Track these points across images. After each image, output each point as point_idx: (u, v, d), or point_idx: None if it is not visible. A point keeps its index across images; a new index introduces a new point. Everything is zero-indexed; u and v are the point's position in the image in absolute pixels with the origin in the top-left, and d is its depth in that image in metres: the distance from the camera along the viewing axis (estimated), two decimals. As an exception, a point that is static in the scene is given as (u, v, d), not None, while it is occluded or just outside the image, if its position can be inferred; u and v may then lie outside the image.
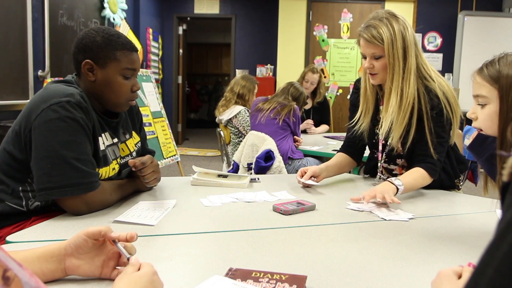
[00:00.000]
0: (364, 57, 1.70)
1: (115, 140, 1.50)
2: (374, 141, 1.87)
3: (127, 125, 1.59)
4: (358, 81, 1.94)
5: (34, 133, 1.27)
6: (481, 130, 1.20)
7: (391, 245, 1.14)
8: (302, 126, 3.80)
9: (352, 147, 1.93)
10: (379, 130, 1.79)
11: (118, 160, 1.50)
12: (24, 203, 1.35)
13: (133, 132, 1.62)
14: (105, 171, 1.42)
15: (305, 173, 1.74)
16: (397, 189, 1.53)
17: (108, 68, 1.38)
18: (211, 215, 1.37)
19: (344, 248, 1.11)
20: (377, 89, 1.81)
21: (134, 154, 1.60)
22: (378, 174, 1.88)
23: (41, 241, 1.09)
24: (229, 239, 1.16)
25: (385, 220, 1.36)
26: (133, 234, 0.85)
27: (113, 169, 1.46)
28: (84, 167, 1.28)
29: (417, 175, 1.64)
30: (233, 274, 0.85)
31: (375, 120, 1.83)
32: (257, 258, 1.01)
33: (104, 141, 1.44)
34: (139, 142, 1.66)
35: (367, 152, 2.00)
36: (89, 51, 1.38)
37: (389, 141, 1.74)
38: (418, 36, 6.48)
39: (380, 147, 1.82)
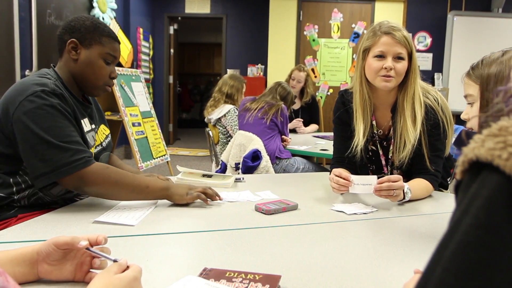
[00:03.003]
0: (381, 57, 1.60)
1: (93, 126, 1.56)
2: (368, 156, 1.77)
3: (95, 116, 1.63)
4: (344, 94, 1.81)
5: (16, 126, 1.31)
6: (472, 129, 1.22)
7: (370, 244, 1.14)
8: (291, 125, 3.80)
9: (349, 163, 1.77)
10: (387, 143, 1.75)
11: (93, 148, 1.53)
12: (14, 189, 1.38)
13: (103, 125, 1.67)
14: None
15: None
16: (404, 197, 1.50)
17: (92, 49, 1.47)
18: (192, 215, 1.36)
19: (322, 247, 1.11)
20: (371, 99, 1.70)
21: (104, 144, 1.63)
22: None
23: (21, 241, 1.08)
24: (208, 239, 1.15)
25: (356, 214, 1.39)
26: (101, 238, 0.84)
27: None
28: (72, 146, 1.31)
29: (422, 185, 1.62)
30: (207, 274, 0.85)
31: (371, 135, 1.75)
32: (234, 258, 1.01)
33: (85, 126, 1.48)
34: (110, 135, 1.70)
35: None
36: (77, 31, 1.46)
37: (400, 154, 1.65)
38: (408, 36, 6.52)
39: (384, 161, 1.76)
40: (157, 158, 4.63)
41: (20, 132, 1.31)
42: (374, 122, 1.75)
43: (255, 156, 2.68)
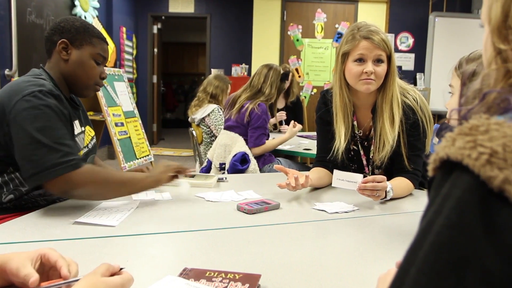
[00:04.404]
0: (361, 62, 1.61)
1: (83, 128, 1.57)
2: (349, 156, 1.78)
3: (82, 118, 1.63)
4: (326, 94, 1.82)
5: (12, 125, 1.31)
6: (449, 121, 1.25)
7: (351, 243, 1.15)
8: (274, 120, 3.76)
9: (330, 162, 1.78)
10: (370, 144, 1.75)
11: (82, 151, 1.53)
12: (5, 189, 1.38)
13: (88, 126, 1.66)
14: None
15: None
16: (385, 197, 1.52)
17: (83, 49, 1.48)
18: (174, 215, 1.36)
19: (303, 246, 1.12)
20: (351, 101, 1.72)
21: (90, 146, 1.62)
22: None
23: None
24: (190, 239, 1.15)
25: (338, 212, 1.39)
26: (65, 272, 0.77)
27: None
28: (63, 148, 1.30)
29: (404, 185, 1.64)
30: (187, 274, 0.85)
31: (352, 135, 1.76)
32: (215, 258, 1.01)
33: (76, 128, 1.49)
34: (94, 136, 1.69)
35: None
36: (67, 32, 1.48)
37: (380, 154, 1.66)
38: (391, 37, 6.60)
39: (365, 162, 1.77)
40: (140, 158, 4.60)
41: (14, 131, 1.30)
42: (355, 123, 1.76)
43: (243, 159, 2.66)
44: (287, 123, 4.04)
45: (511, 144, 0.39)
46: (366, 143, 1.78)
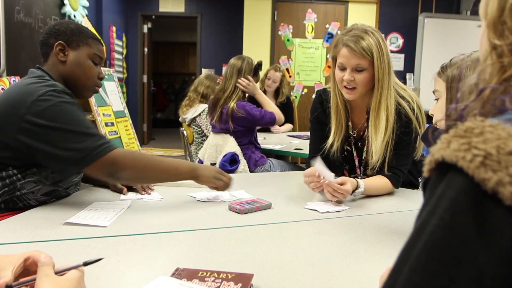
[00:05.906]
0: (342, 69, 1.61)
1: None
2: (343, 156, 1.80)
3: None
4: (322, 93, 1.83)
5: (31, 126, 1.29)
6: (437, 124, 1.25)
7: (342, 242, 1.16)
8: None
9: (324, 161, 1.80)
10: (359, 146, 1.76)
11: None
12: None
13: None
14: None
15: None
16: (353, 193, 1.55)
17: (80, 50, 1.50)
18: (166, 215, 1.36)
19: (295, 245, 1.12)
20: (346, 104, 1.74)
21: None
22: None
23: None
24: (182, 239, 1.15)
25: (329, 212, 1.42)
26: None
27: None
28: (96, 132, 1.35)
29: (381, 183, 1.65)
30: (179, 274, 0.85)
31: (346, 136, 1.77)
32: (207, 257, 1.01)
33: None
34: None
35: None
36: (63, 34, 1.49)
37: (371, 156, 1.67)
38: (381, 37, 6.62)
39: (357, 163, 1.78)
40: (131, 158, 4.56)
41: (35, 132, 1.30)
42: (350, 123, 1.77)
43: (233, 160, 2.66)
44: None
45: (505, 146, 0.39)
46: (360, 143, 1.79)
